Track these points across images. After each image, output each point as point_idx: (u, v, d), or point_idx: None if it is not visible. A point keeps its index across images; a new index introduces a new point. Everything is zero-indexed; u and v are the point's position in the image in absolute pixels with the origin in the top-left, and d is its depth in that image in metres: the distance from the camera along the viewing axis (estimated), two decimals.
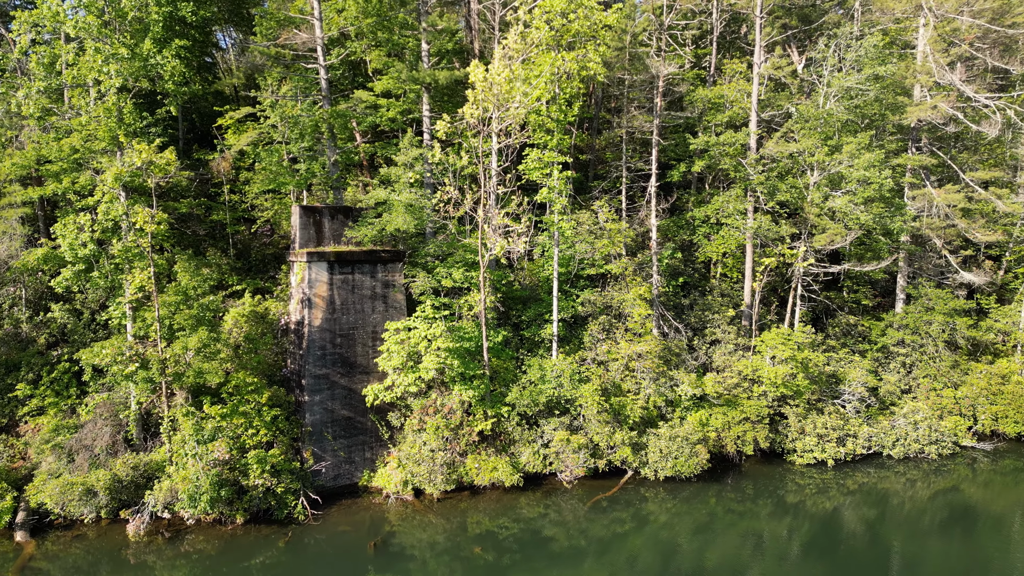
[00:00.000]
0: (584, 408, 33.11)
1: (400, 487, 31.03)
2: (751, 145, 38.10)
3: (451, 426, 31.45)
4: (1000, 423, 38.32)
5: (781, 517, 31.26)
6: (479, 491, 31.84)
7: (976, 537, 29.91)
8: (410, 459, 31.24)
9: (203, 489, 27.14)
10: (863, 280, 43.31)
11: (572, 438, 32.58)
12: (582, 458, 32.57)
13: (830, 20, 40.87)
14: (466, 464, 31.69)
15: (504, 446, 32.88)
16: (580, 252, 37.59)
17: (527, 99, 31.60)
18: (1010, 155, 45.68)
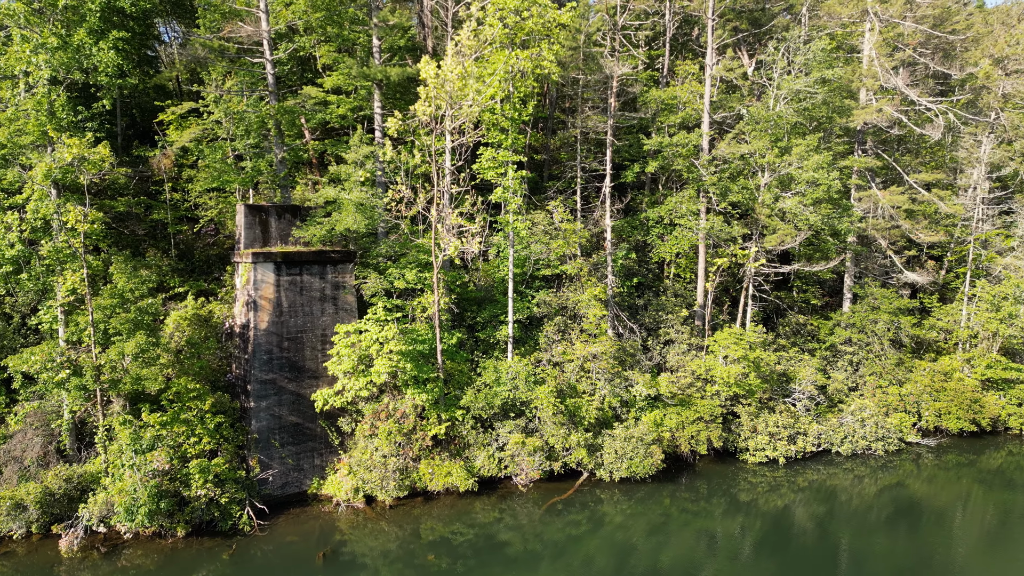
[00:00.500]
0: (539, 410, 32.76)
1: (351, 494, 30.19)
2: (704, 146, 38.36)
3: (404, 431, 30.74)
4: (943, 419, 39.41)
5: (734, 515, 31.46)
6: (433, 497, 31.20)
7: (920, 531, 30.60)
8: (361, 465, 30.42)
9: (141, 501, 25.87)
10: (812, 280, 44.09)
11: (527, 441, 32.22)
12: (537, 461, 32.24)
13: (779, 24, 41.49)
14: (419, 469, 31.01)
15: (458, 450, 32.32)
16: (535, 252, 37.27)
17: (481, 97, 31.12)
18: (950, 158, 47.11)
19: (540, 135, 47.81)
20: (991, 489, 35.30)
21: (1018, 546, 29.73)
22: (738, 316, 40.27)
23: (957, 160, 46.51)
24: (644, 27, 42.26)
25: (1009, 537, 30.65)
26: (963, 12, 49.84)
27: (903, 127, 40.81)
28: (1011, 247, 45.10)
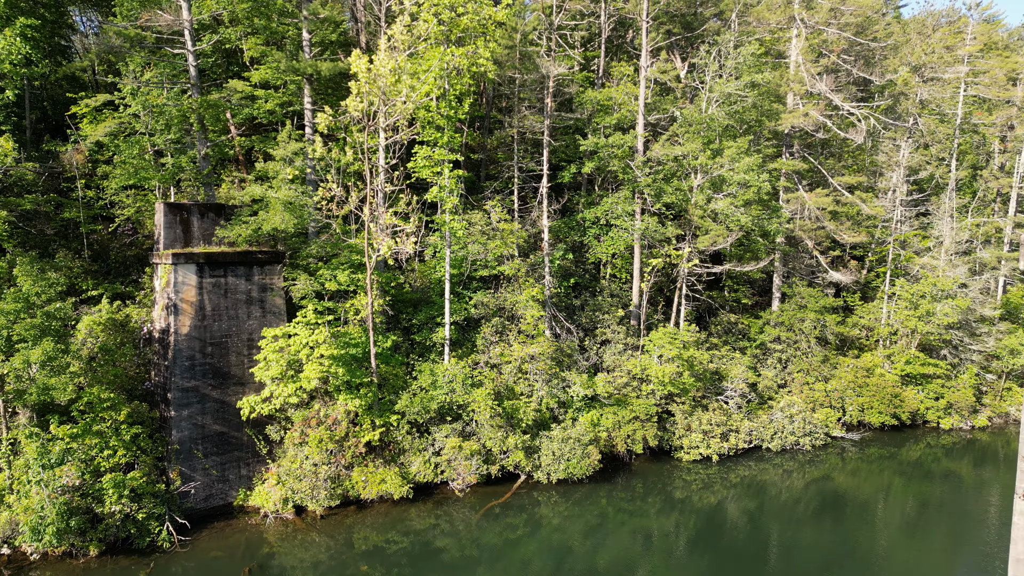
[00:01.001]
0: (477, 413, 32.29)
1: (280, 505, 29.02)
2: (638, 147, 38.66)
3: (336, 438, 29.76)
4: (866, 414, 40.91)
5: (669, 513, 31.79)
6: (366, 505, 30.33)
7: (845, 523, 31.62)
8: (291, 475, 29.29)
9: (48, 520, 24.14)
10: (743, 280, 45.10)
11: (464, 444, 31.72)
12: (474, 465, 31.79)
13: (710, 28, 42.23)
14: (352, 477, 30.09)
15: (393, 456, 31.53)
16: (473, 253, 36.78)
17: (415, 94, 30.42)
18: (871, 161, 49.02)
19: (477, 134, 47.34)
20: (910, 480, 36.79)
21: (935, 535, 31.05)
22: (672, 315, 40.80)
23: (877, 164, 48.43)
24: (580, 27, 42.33)
25: (926, 526, 31.97)
26: (882, 21, 51.96)
27: (828, 131, 42.17)
28: (927, 247, 47.23)
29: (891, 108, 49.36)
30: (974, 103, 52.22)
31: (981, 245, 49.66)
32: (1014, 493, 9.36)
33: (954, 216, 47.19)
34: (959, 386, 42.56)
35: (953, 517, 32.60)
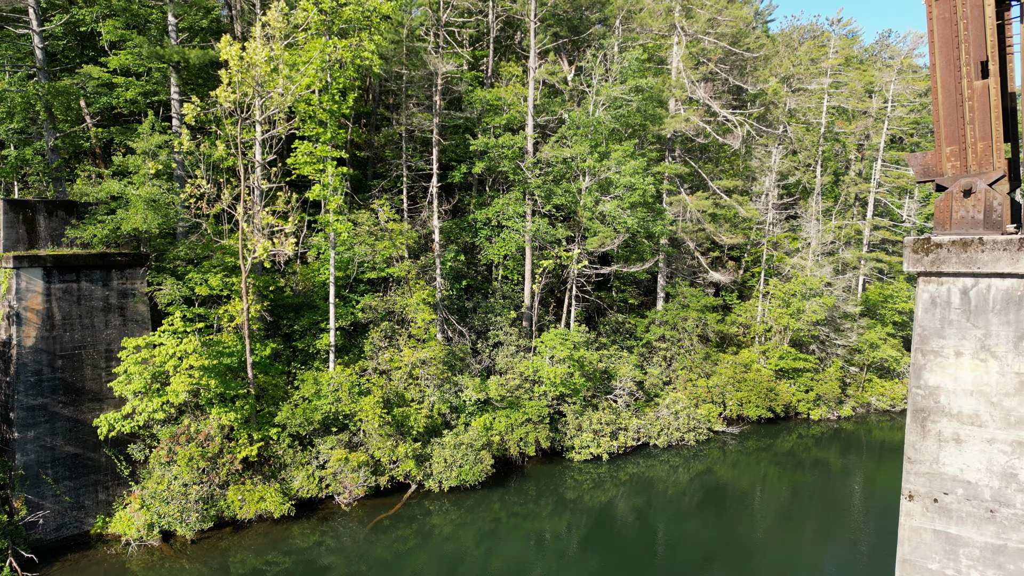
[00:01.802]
0: (365, 422, 30.95)
1: (144, 531, 26.50)
2: (528, 149, 38.56)
3: (208, 455, 27.55)
4: (745, 408, 42.85)
5: (561, 514, 31.81)
6: (244, 526, 28.28)
7: (726, 513, 32.90)
8: (157, 497, 26.81)
9: None
10: (629, 280, 46.13)
11: (351, 456, 30.29)
12: (362, 477, 30.43)
13: (596, 33, 42.86)
14: (228, 497, 27.96)
15: (273, 472, 29.63)
16: (359, 254, 35.32)
17: (294, 86, 28.70)
18: (745, 166, 51.56)
19: (363, 131, 45.76)
20: (784, 470, 38.83)
21: (806, 521, 32.87)
22: (563, 316, 41.04)
23: (752, 169, 51.01)
24: (468, 25, 41.75)
25: (798, 513, 33.80)
26: (753, 34, 54.87)
27: (707, 136, 43.85)
28: (797, 248, 50.23)
29: (763, 116, 52.14)
30: (836, 113, 56.16)
31: (843, 246, 53.43)
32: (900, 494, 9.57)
33: (820, 219, 50.45)
34: (826, 379, 45.49)
35: (822, 504, 34.66)
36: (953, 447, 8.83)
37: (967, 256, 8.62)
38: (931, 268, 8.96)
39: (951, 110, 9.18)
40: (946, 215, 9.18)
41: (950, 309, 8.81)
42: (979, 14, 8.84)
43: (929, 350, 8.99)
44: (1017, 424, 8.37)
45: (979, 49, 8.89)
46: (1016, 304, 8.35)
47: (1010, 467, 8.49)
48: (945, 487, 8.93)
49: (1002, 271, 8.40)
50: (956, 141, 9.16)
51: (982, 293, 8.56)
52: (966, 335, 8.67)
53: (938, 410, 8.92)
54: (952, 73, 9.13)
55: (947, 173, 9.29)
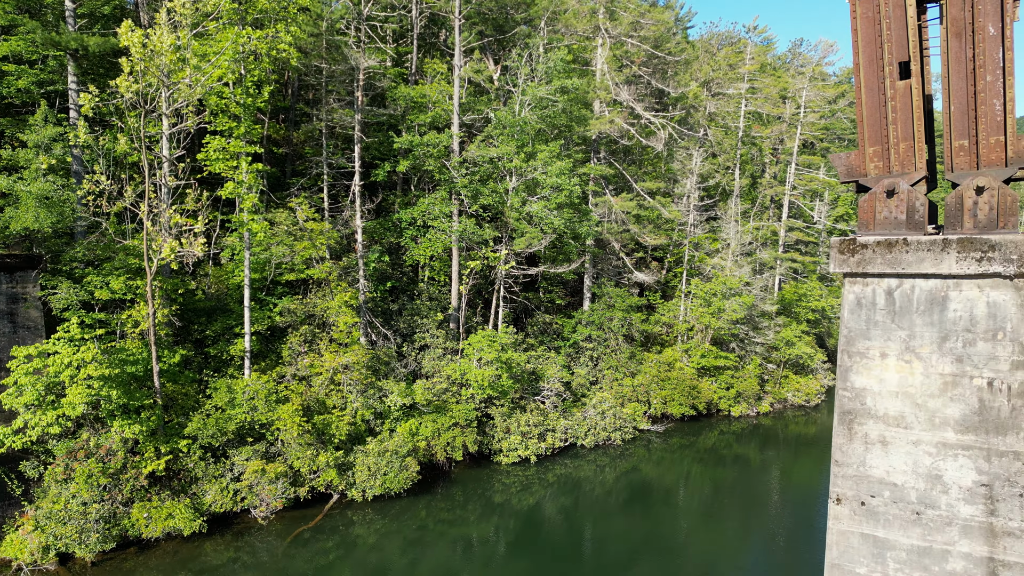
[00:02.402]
0: (283, 431, 29.57)
1: (39, 555, 24.35)
2: (454, 148, 37.92)
3: (110, 471, 25.60)
4: (668, 406, 43.54)
5: (489, 518, 31.36)
6: (150, 545, 26.44)
7: (651, 511, 33.27)
8: (53, 518, 24.69)
9: None
10: (557, 281, 46.15)
11: (268, 467, 28.87)
12: (280, 488, 29.04)
13: (521, 32, 42.67)
14: (132, 514, 26.07)
15: (183, 486, 27.88)
16: (277, 255, 33.81)
17: (204, 77, 27.09)
18: (668, 169, 52.52)
19: (282, 127, 44.00)
20: (707, 466, 39.62)
21: (727, 515, 33.58)
22: (491, 317, 40.59)
23: (674, 171, 52.00)
24: (392, 20, 40.73)
25: (720, 508, 34.50)
26: (674, 39, 56.02)
27: (631, 138, 44.35)
28: (717, 249, 51.53)
29: (684, 119, 53.26)
30: (753, 118, 58.00)
31: (761, 247, 55.22)
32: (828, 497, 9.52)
33: (738, 220, 51.93)
34: (746, 376, 46.80)
35: (743, 499, 35.51)
36: (880, 449, 8.84)
37: (892, 257, 8.64)
38: (856, 269, 8.94)
39: (874, 110, 9.20)
40: (870, 216, 9.19)
41: (875, 310, 8.82)
42: (901, 14, 8.87)
43: (855, 351, 8.98)
44: (942, 425, 8.44)
45: (901, 49, 8.93)
46: (939, 305, 8.41)
47: (935, 469, 8.55)
48: (872, 490, 8.94)
49: (926, 272, 8.44)
50: (879, 141, 9.19)
51: (906, 294, 8.59)
52: (891, 336, 8.69)
53: (864, 412, 8.91)
54: (875, 73, 9.16)
55: (870, 173, 9.30)
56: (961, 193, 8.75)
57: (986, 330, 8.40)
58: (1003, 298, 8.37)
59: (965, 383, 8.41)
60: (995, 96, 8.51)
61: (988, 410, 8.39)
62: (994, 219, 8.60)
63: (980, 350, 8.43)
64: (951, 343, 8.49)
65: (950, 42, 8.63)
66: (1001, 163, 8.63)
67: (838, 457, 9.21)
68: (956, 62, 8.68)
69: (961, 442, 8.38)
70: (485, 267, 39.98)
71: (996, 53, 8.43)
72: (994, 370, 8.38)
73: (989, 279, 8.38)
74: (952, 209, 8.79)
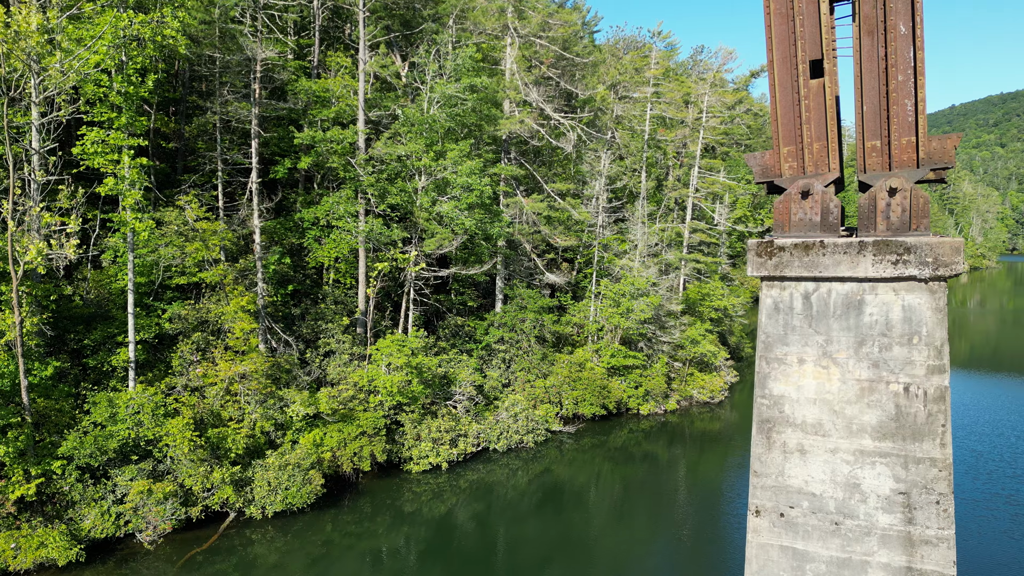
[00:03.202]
0: (172, 447, 27.40)
1: None
2: (360, 144, 36.51)
3: None
4: (580, 406, 43.66)
5: (399, 529, 30.32)
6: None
7: (563, 512, 33.18)
8: None
9: None
10: (469, 283, 45.43)
11: (156, 487, 26.66)
12: (170, 509, 26.87)
13: (428, 29, 41.70)
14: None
15: (58, 511, 25.30)
16: (166, 258, 31.42)
17: (79, 62, 24.66)
18: (577, 170, 52.87)
19: (172, 120, 41.09)
20: (617, 465, 39.95)
21: (636, 514, 33.90)
22: (401, 321, 39.39)
23: (583, 172, 52.40)
24: (292, 10, 38.78)
25: (630, 505, 34.81)
26: (582, 43, 56.55)
27: (541, 139, 44.24)
28: (625, 250, 52.28)
29: (593, 121, 53.77)
30: (658, 122, 59.34)
31: (666, 248, 56.52)
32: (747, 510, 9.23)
33: (645, 222, 52.90)
34: (654, 375, 47.64)
35: (651, 496, 35.99)
36: (798, 458, 8.65)
37: (809, 260, 8.45)
38: (774, 272, 8.71)
39: (788, 109, 9.03)
40: (785, 217, 9.00)
41: (792, 315, 8.62)
42: (814, 10, 8.72)
43: (773, 357, 8.75)
44: (859, 432, 8.31)
45: (814, 47, 8.78)
46: (856, 309, 8.28)
47: (853, 477, 8.42)
48: (791, 500, 8.72)
49: (842, 275, 8.29)
50: (793, 141, 9.02)
51: (823, 298, 8.43)
52: (809, 341, 8.51)
53: (783, 420, 8.69)
54: (789, 71, 8.98)
55: (785, 174, 9.12)
56: (874, 195, 8.72)
57: (902, 334, 8.37)
58: (918, 301, 8.38)
59: (882, 389, 8.35)
60: (906, 96, 8.51)
61: (905, 416, 8.36)
62: (907, 221, 8.61)
63: (896, 355, 8.39)
64: (868, 348, 8.42)
65: (862, 40, 8.57)
66: (913, 164, 8.65)
67: (757, 467, 8.96)
68: (868, 61, 8.64)
69: (878, 449, 8.30)
70: (394, 269, 38.76)
71: (907, 52, 8.44)
72: (910, 375, 8.36)
73: (904, 282, 8.36)
74: (865, 211, 8.75)
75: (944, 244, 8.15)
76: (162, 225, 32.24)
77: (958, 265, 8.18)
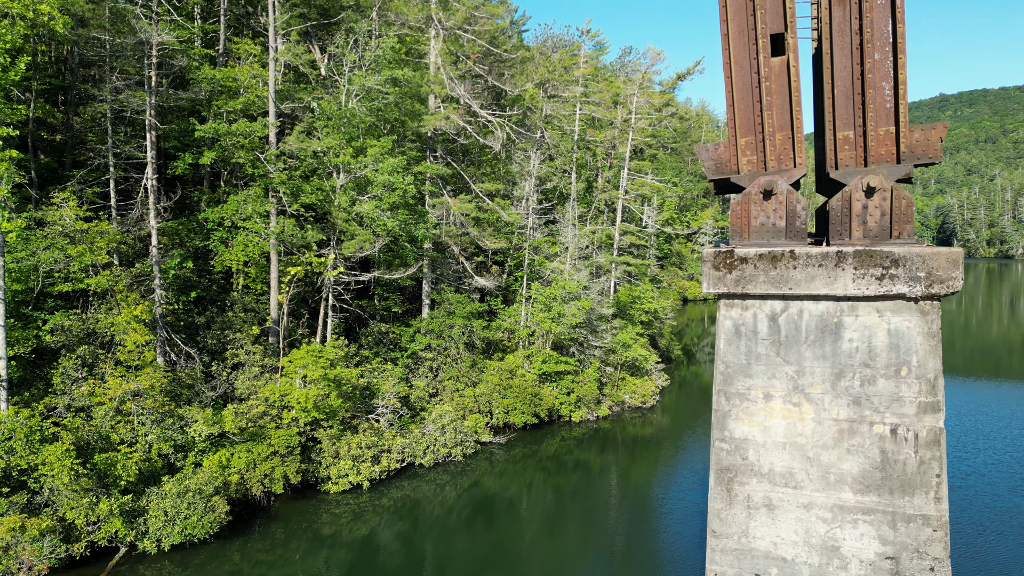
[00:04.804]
0: (52, 477, 24.19)
1: None
2: (271, 139, 33.78)
3: None
4: (511, 415, 42.02)
5: (317, 553, 27.99)
6: None
7: (494, 525, 31.66)
8: None
9: None
10: (393, 287, 43.15)
11: (31, 522, 23.44)
12: (48, 547, 23.67)
13: (348, 18, 39.21)
14: None
15: None
16: (46, 262, 27.97)
17: None
18: (506, 170, 51.32)
19: (58, 110, 37.23)
20: (549, 474, 38.56)
21: (569, 523, 32.64)
22: (319, 329, 36.80)
23: (512, 172, 50.88)
24: None
25: (563, 515, 33.51)
26: (511, 41, 55.05)
27: (468, 137, 42.46)
28: (556, 253, 51.06)
29: (522, 120, 52.34)
30: (588, 122, 58.51)
31: (597, 250, 55.66)
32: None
33: (576, 224, 51.84)
34: (586, 380, 46.52)
35: (584, 505, 34.76)
36: (765, 515, 7.19)
37: (777, 274, 7.00)
38: (735, 289, 7.22)
39: (746, 92, 7.57)
40: (744, 221, 7.54)
41: (757, 340, 7.16)
42: None
43: (734, 392, 7.27)
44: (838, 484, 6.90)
45: (776, 18, 7.34)
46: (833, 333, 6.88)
47: (832, 538, 7.01)
48: (757, 567, 7.25)
49: (817, 292, 6.87)
50: (752, 131, 7.56)
51: (793, 320, 7.00)
52: (776, 373, 7.06)
53: (747, 468, 7.21)
54: (746, 46, 7.50)
55: (743, 170, 7.66)
56: (849, 194, 7.37)
57: (888, 365, 7.01)
58: (907, 325, 7.04)
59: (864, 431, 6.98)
60: (884, 78, 7.17)
61: (892, 464, 7.01)
62: (887, 226, 7.27)
63: (881, 389, 7.04)
64: (847, 381, 7.03)
65: (832, 10, 7.18)
66: (892, 159, 7.33)
67: (715, 526, 7.44)
68: (840, 35, 7.25)
69: (861, 504, 6.94)
70: (311, 273, 36.14)
71: (886, 25, 7.09)
72: (898, 414, 7.00)
73: (891, 301, 7.02)
74: (838, 214, 7.38)
75: (939, 256, 6.88)
76: (44, 226, 28.79)
77: (956, 281, 6.88)
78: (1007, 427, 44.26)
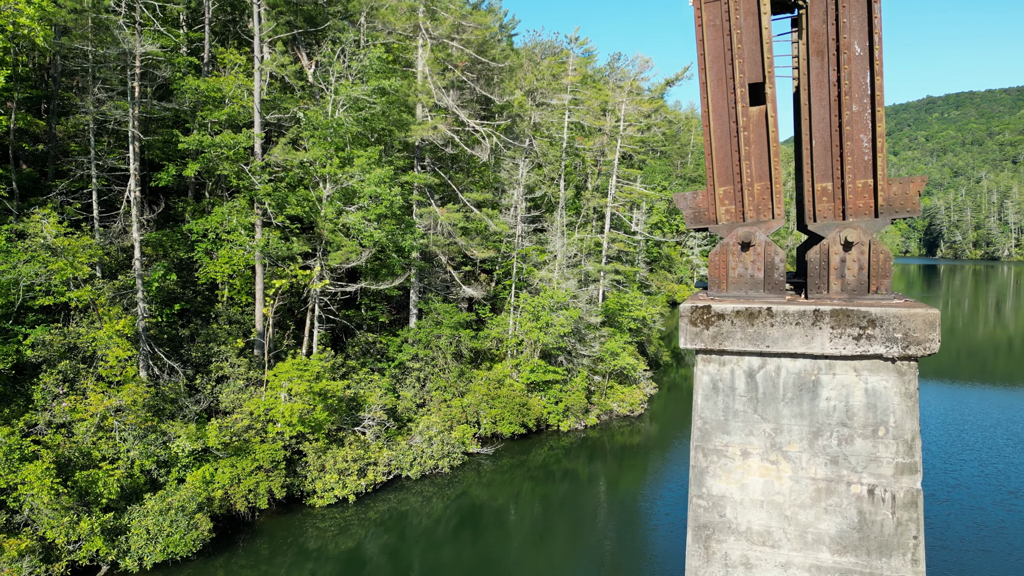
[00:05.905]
0: (32, 496, 23.86)
1: None
2: (256, 150, 33.52)
3: None
4: (499, 425, 41.88)
5: (302, 567, 27.80)
6: None
7: (482, 535, 31.58)
8: None
9: None
10: (380, 297, 42.93)
11: (9, 543, 23.12)
12: (27, 567, 23.35)
13: (335, 26, 38.99)
14: None
15: None
16: (28, 275, 27.56)
17: None
18: (495, 179, 51.16)
19: (41, 120, 36.81)
20: (537, 484, 38.47)
21: (557, 532, 32.59)
22: (305, 340, 36.54)
23: (500, 181, 50.73)
24: (178, 1, 35.31)
25: (551, 525, 33.45)
26: (499, 47, 54.98)
27: (456, 146, 42.32)
28: (544, 261, 50.98)
29: (510, 128, 52.24)
30: (576, 129, 58.48)
31: (585, 258, 55.63)
32: None
33: (564, 232, 51.78)
34: (574, 389, 46.44)
35: (572, 514, 34.73)
36: (743, 574, 7.12)
37: (754, 331, 6.94)
38: (712, 345, 7.15)
39: (724, 141, 7.51)
40: (722, 271, 7.48)
41: (735, 396, 7.10)
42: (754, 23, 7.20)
43: (712, 449, 7.19)
44: (815, 544, 6.85)
45: (754, 68, 7.28)
46: (810, 391, 6.84)
47: None
48: None
49: (794, 351, 6.82)
50: (731, 180, 7.51)
51: (771, 377, 6.94)
52: (754, 430, 7.00)
53: (724, 526, 7.14)
54: (725, 95, 7.46)
55: (721, 220, 7.61)
56: (827, 248, 7.35)
57: (865, 424, 7.00)
58: (884, 385, 7.03)
59: (842, 491, 6.96)
60: (862, 130, 7.15)
61: (869, 525, 6.99)
62: (864, 281, 7.25)
63: (858, 449, 7.02)
64: (825, 440, 7.00)
65: (811, 61, 7.16)
66: (870, 212, 7.31)
67: None
68: (818, 86, 7.24)
69: (839, 565, 6.92)
70: (296, 284, 35.89)
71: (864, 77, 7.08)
72: (875, 475, 7.00)
73: (868, 360, 7.00)
74: (816, 267, 7.36)
75: (916, 317, 6.85)
76: (25, 238, 28.42)
77: (933, 343, 6.87)
78: (991, 437, 44.55)
